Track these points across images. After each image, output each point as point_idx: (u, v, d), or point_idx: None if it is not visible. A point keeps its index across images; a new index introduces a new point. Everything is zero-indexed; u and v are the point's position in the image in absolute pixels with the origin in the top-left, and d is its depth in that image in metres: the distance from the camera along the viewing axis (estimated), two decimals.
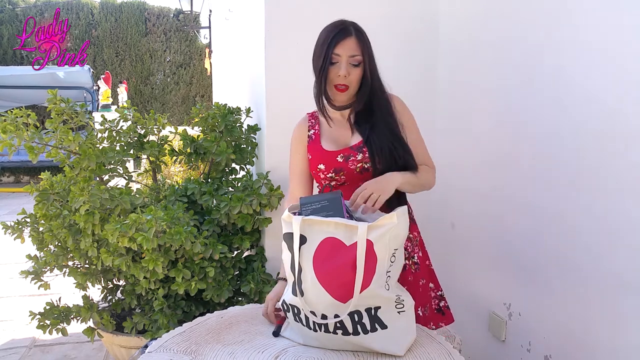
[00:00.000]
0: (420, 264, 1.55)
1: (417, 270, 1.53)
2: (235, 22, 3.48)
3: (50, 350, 2.74)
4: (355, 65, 1.42)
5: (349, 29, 1.42)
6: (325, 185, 1.48)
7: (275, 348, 1.22)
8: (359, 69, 1.43)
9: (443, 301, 1.59)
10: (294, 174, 1.59)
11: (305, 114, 1.62)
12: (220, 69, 5.26)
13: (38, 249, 2.22)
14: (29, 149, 2.09)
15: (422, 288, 1.53)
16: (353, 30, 1.42)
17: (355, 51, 1.41)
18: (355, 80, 1.43)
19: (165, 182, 2.64)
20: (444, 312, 1.57)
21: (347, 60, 1.41)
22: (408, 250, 1.53)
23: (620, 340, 1.44)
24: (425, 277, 1.56)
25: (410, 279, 1.51)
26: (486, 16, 2.04)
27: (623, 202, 1.41)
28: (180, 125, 4.16)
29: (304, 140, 1.56)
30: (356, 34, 1.42)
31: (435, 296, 1.58)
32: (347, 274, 1.13)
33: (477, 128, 2.10)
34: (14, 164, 9.28)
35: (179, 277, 1.94)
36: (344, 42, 1.40)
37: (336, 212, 1.20)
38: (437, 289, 1.59)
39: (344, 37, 1.40)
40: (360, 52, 1.42)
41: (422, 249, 1.60)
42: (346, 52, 1.40)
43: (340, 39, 1.40)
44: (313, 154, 1.51)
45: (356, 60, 1.42)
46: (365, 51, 1.42)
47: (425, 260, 1.59)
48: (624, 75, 1.41)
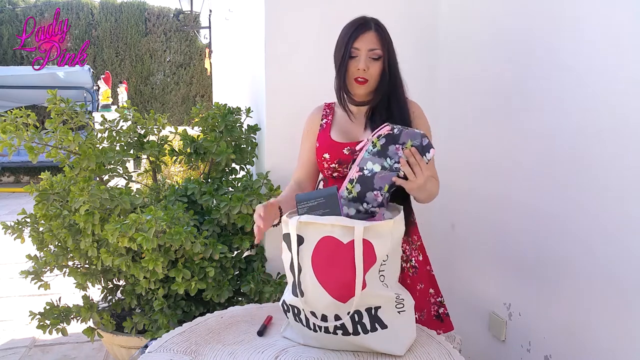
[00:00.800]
0: (419, 268, 1.54)
1: (415, 274, 1.52)
2: (235, 22, 3.48)
3: (50, 350, 2.74)
4: (375, 59, 1.42)
5: (369, 23, 1.44)
6: (320, 180, 1.48)
7: (275, 348, 1.22)
8: (379, 63, 1.43)
9: (442, 308, 1.56)
10: (300, 161, 1.60)
11: (323, 103, 1.63)
12: (220, 69, 5.26)
13: (38, 249, 2.22)
14: (29, 149, 2.09)
15: (419, 292, 1.52)
16: (373, 25, 1.44)
17: (375, 45, 1.42)
18: (374, 74, 1.43)
19: (165, 182, 2.64)
20: (443, 320, 1.54)
21: (367, 54, 1.42)
22: (406, 253, 1.52)
23: (621, 340, 1.44)
24: (424, 282, 1.54)
25: (409, 282, 1.50)
26: (486, 16, 2.04)
27: (623, 203, 1.41)
28: (180, 125, 4.16)
29: (316, 128, 1.57)
30: (376, 28, 1.44)
31: (435, 302, 1.56)
32: (346, 273, 1.13)
33: (477, 129, 2.10)
34: (14, 164, 9.28)
35: (179, 277, 1.94)
36: (363, 36, 1.41)
37: (333, 209, 1.20)
38: (437, 295, 1.57)
39: (363, 31, 1.42)
40: (380, 46, 1.42)
41: (422, 253, 1.58)
42: (366, 45, 1.41)
43: (360, 33, 1.42)
44: (321, 142, 1.53)
45: (376, 54, 1.42)
46: (385, 46, 1.43)
47: (425, 265, 1.57)
48: (624, 74, 1.41)
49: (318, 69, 2.20)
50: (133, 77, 10.96)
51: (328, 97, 1.79)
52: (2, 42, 10.10)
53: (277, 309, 1.44)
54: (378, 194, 1.25)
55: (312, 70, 2.20)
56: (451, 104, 2.28)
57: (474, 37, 2.12)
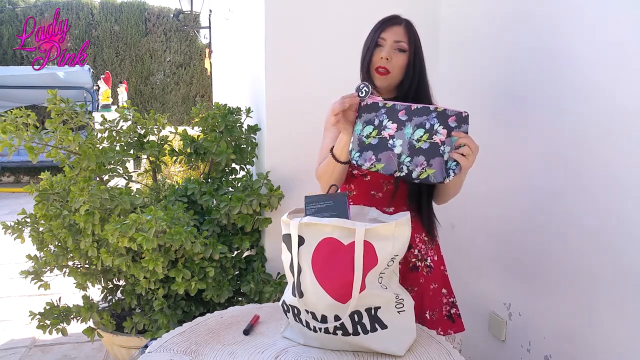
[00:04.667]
0: (434, 267, 1.53)
1: (429, 273, 1.52)
2: (235, 22, 3.48)
3: (50, 350, 2.74)
4: (400, 51, 1.43)
5: (400, 18, 1.47)
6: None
7: (275, 348, 1.22)
8: (403, 57, 1.44)
9: (455, 308, 1.55)
10: (323, 152, 1.55)
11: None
12: (220, 69, 5.26)
13: (38, 249, 2.22)
14: (29, 149, 2.09)
15: (432, 292, 1.51)
16: (403, 21, 1.46)
17: (402, 38, 1.43)
18: (397, 66, 1.43)
19: (165, 182, 2.64)
20: (454, 320, 1.53)
21: (392, 45, 1.43)
22: (422, 252, 1.52)
23: (621, 340, 1.44)
24: (437, 282, 1.53)
25: (422, 281, 1.50)
26: (486, 17, 2.04)
27: (623, 203, 1.41)
28: (180, 125, 4.17)
29: None
30: (406, 24, 1.46)
31: (447, 302, 1.55)
32: (346, 274, 1.13)
33: (477, 129, 2.09)
34: (14, 164, 9.29)
35: (179, 277, 1.94)
36: (391, 28, 1.44)
37: (340, 213, 1.20)
38: (450, 295, 1.56)
39: (392, 24, 1.44)
40: (407, 40, 1.43)
41: (437, 253, 1.58)
42: (392, 37, 1.43)
43: (388, 25, 1.44)
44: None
45: (401, 47, 1.43)
46: (412, 42, 1.44)
47: (440, 265, 1.57)
48: (625, 74, 1.41)
49: (318, 69, 2.21)
50: (133, 77, 10.97)
51: (328, 97, 1.79)
52: (2, 42, 10.11)
53: (277, 309, 1.44)
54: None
55: (313, 70, 2.20)
56: (451, 104, 2.28)
57: (474, 37, 2.12)
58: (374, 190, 1.50)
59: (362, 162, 1.29)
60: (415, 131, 1.26)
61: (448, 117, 1.26)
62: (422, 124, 1.26)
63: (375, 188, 1.49)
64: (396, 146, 1.27)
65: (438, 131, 1.25)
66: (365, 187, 1.50)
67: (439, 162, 1.25)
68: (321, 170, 1.45)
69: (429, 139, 1.25)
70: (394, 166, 1.27)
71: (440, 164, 1.25)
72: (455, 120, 1.26)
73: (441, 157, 1.25)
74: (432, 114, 1.26)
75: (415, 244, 1.51)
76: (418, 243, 1.52)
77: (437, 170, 1.25)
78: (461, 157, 1.24)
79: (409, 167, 1.26)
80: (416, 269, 1.50)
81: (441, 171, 1.25)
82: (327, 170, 1.41)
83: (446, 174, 1.25)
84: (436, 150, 1.25)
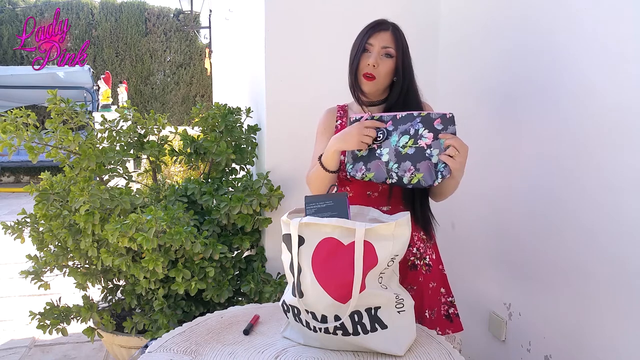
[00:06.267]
0: (432, 266, 1.54)
1: (428, 272, 1.52)
2: (235, 22, 3.48)
3: (50, 350, 2.74)
4: (387, 56, 1.44)
5: (387, 23, 1.47)
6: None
7: (276, 348, 1.22)
8: (390, 62, 1.44)
9: (453, 308, 1.55)
10: (315, 159, 1.56)
11: (335, 105, 1.63)
12: (220, 69, 5.26)
13: (38, 249, 2.22)
14: (29, 149, 2.09)
15: (431, 291, 1.52)
16: (390, 26, 1.47)
17: (389, 43, 1.44)
18: (384, 72, 1.44)
19: (165, 182, 2.64)
20: (452, 320, 1.54)
21: (379, 51, 1.43)
22: (420, 251, 1.53)
23: (621, 340, 1.44)
24: (436, 281, 1.54)
25: (421, 280, 1.50)
26: (486, 17, 2.04)
27: (623, 202, 1.41)
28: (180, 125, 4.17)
29: (331, 128, 1.57)
30: (393, 29, 1.46)
31: (446, 302, 1.55)
32: (346, 274, 1.13)
33: (477, 128, 2.10)
34: (14, 164, 9.29)
35: (179, 277, 1.94)
36: (379, 34, 1.44)
37: (340, 213, 1.20)
38: (448, 294, 1.57)
39: (379, 30, 1.45)
40: (394, 46, 1.44)
41: (435, 251, 1.58)
42: (379, 42, 1.44)
43: (375, 31, 1.45)
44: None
45: (388, 52, 1.44)
46: (399, 47, 1.45)
47: (438, 264, 1.57)
48: (622, 75, 1.41)
49: (318, 69, 2.21)
50: (133, 77, 10.97)
51: (328, 97, 1.80)
52: (2, 42, 10.11)
53: (277, 309, 1.44)
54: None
55: (313, 70, 2.20)
56: (451, 104, 2.28)
57: (474, 36, 2.12)
58: (369, 191, 1.51)
59: (354, 173, 1.37)
60: (400, 138, 1.30)
61: (433, 120, 1.28)
62: (406, 130, 1.30)
63: (371, 188, 1.51)
64: (383, 154, 1.32)
65: (423, 135, 1.28)
66: (361, 187, 1.51)
67: (426, 165, 1.28)
68: (312, 176, 1.50)
69: (414, 144, 1.29)
70: (384, 174, 1.32)
71: (429, 167, 1.28)
72: (440, 123, 1.28)
73: (428, 160, 1.28)
74: (417, 119, 1.29)
75: (413, 243, 1.51)
76: (417, 241, 1.52)
77: (426, 174, 1.28)
78: (448, 158, 1.25)
79: (397, 174, 1.31)
80: (415, 267, 1.51)
81: (430, 174, 1.28)
82: (318, 176, 1.46)
83: (435, 176, 1.28)
84: (422, 154, 1.28)
